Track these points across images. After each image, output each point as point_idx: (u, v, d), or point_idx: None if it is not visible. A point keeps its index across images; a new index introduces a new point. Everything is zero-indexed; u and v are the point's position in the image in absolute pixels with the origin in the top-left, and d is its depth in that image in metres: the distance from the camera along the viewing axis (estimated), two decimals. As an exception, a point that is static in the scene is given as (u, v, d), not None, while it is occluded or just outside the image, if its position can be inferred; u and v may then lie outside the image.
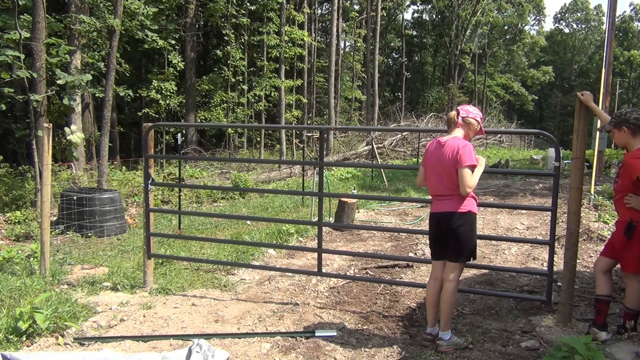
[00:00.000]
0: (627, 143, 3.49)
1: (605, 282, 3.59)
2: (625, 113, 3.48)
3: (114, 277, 5.29)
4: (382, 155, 20.98)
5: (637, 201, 3.38)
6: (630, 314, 3.56)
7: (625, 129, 3.44)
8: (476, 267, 5.50)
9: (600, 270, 3.64)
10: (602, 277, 3.61)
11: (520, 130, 22.60)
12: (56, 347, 3.66)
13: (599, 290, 3.61)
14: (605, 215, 7.83)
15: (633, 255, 3.43)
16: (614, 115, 3.55)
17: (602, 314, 3.58)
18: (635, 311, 3.55)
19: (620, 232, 3.46)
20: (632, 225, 3.36)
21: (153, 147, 5.61)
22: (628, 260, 3.47)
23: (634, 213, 3.39)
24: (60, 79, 10.29)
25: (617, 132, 3.48)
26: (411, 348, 3.67)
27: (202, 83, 22.00)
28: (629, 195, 3.42)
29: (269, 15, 22.82)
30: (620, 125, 3.45)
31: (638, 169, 3.33)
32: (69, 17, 12.45)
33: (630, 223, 3.36)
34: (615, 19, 13.24)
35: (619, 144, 3.55)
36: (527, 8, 53.63)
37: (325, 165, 5.21)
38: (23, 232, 7.90)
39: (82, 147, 12.54)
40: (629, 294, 3.57)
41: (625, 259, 3.48)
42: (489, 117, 43.26)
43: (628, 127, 3.43)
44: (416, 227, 8.24)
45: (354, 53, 36.53)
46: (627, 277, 3.58)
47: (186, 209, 10.47)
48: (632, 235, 3.38)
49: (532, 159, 21.42)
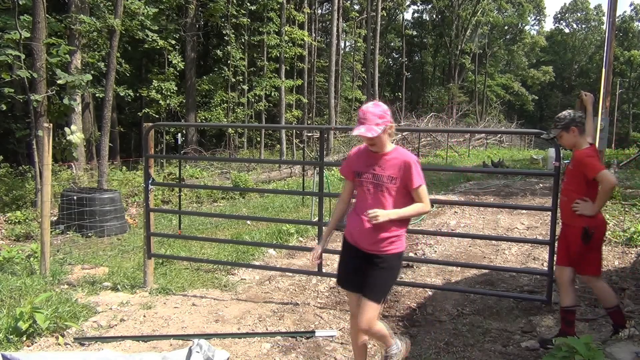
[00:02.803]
0: (575, 142, 3.54)
1: (573, 292, 3.56)
2: (568, 115, 3.55)
3: (114, 277, 5.29)
4: (382, 155, 20.92)
5: (585, 207, 3.40)
6: (614, 312, 3.58)
7: (574, 129, 3.50)
8: (476, 267, 5.52)
9: (567, 281, 3.57)
10: (569, 287, 3.57)
11: (520, 130, 22.69)
12: (56, 347, 3.66)
13: (567, 301, 3.54)
14: (606, 215, 7.83)
15: (593, 259, 3.49)
16: (557, 119, 3.59)
17: (573, 324, 3.56)
18: (615, 307, 3.57)
19: (577, 239, 3.46)
20: (590, 233, 3.40)
21: (153, 147, 5.62)
22: (589, 265, 3.51)
23: (586, 219, 3.41)
24: (60, 79, 10.30)
25: (566, 134, 3.53)
26: (411, 348, 3.67)
27: (202, 83, 21.98)
28: (577, 201, 3.44)
29: (269, 15, 22.81)
30: (569, 126, 3.51)
31: (594, 168, 3.34)
32: (69, 17, 12.45)
33: (587, 230, 3.40)
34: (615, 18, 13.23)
35: (568, 145, 3.59)
36: (527, 8, 53.65)
37: (326, 165, 5.22)
38: (23, 232, 7.90)
39: (82, 147, 12.53)
40: (600, 296, 3.60)
41: (584, 264, 3.51)
42: (489, 117, 43.31)
43: (576, 127, 3.50)
44: (416, 227, 8.24)
45: (354, 53, 36.53)
46: (590, 281, 3.61)
47: (186, 209, 10.47)
48: (589, 241, 3.41)
49: (532, 159, 21.41)
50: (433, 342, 3.78)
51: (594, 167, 3.35)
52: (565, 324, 3.54)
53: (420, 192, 2.86)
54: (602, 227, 3.51)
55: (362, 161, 2.96)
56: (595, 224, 3.41)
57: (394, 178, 2.83)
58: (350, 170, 3.01)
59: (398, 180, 2.83)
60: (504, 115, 49.03)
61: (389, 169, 2.85)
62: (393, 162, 2.86)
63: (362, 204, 2.92)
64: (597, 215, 3.43)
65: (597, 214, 3.42)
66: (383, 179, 2.84)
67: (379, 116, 2.79)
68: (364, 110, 2.81)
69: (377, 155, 2.90)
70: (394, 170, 2.83)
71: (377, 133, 2.74)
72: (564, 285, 3.58)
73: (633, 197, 9.45)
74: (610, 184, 3.30)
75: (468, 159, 23.20)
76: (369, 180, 2.88)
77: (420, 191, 2.86)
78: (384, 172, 2.85)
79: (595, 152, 3.49)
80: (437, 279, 5.37)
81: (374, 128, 2.75)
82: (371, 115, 2.78)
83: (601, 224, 3.48)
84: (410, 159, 2.86)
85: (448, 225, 8.18)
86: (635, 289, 4.81)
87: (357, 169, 2.95)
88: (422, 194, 2.86)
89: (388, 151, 2.90)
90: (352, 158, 3.05)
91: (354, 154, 3.07)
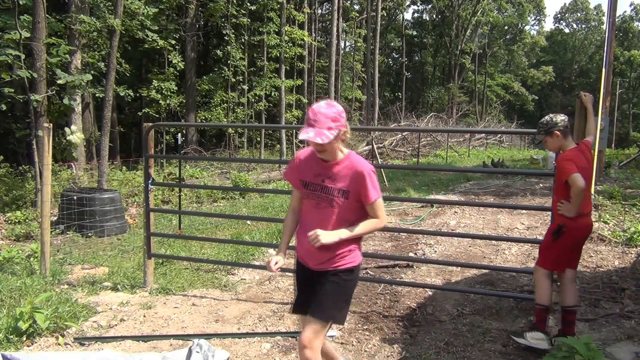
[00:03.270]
0: (560, 146, 3.56)
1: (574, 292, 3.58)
2: (551, 119, 3.57)
3: (114, 277, 5.30)
4: (382, 155, 20.98)
5: (565, 208, 3.45)
6: (540, 310, 3.61)
7: (558, 133, 3.51)
8: (476, 267, 5.52)
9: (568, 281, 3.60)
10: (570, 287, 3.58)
11: (520, 130, 22.63)
12: (56, 347, 3.66)
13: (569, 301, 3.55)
14: (606, 215, 7.84)
15: (552, 255, 3.56)
16: (540, 124, 3.61)
17: (573, 324, 3.57)
18: (544, 307, 3.60)
19: (549, 232, 3.57)
20: (562, 231, 3.46)
21: (153, 147, 5.61)
22: (546, 258, 3.59)
23: (565, 219, 3.46)
24: (60, 79, 10.29)
25: (550, 138, 3.56)
26: (411, 348, 3.67)
27: (202, 83, 21.99)
28: (561, 201, 3.49)
29: (269, 15, 22.81)
30: (551, 130, 3.53)
31: (565, 171, 3.38)
32: (69, 17, 12.45)
33: (560, 227, 3.46)
34: (615, 18, 13.24)
35: (553, 149, 3.61)
36: (527, 8, 53.69)
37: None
38: (23, 232, 7.90)
39: (82, 147, 12.53)
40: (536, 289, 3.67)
41: (543, 255, 3.61)
42: (489, 117, 43.32)
43: (559, 131, 3.51)
44: (416, 227, 8.24)
45: (354, 53, 36.53)
46: (537, 270, 3.67)
47: (186, 209, 10.47)
48: (558, 239, 3.48)
49: (532, 159, 21.41)
50: (433, 342, 3.78)
51: (566, 170, 3.38)
52: (566, 324, 3.54)
53: (376, 207, 2.51)
54: (577, 231, 3.49)
55: (310, 169, 2.56)
56: (571, 225, 3.45)
57: (346, 192, 2.46)
58: (296, 177, 2.62)
59: (350, 195, 2.47)
60: (504, 115, 49.06)
61: (340, 180, 2.47)
62: (345, 172, 2.48)
63: (309, 219, 2.57)
64: (577, 219, 3.45)
65: (578, 217, 3.44)
66: (333, 192, 2.47)
67: (332, 119, 2.37)
68: (314, 111, 2.39)
69: (328, 164, 2.51)
70: (346, 182, 2.47)
71: (328, 139, 2.33)
72: (565, 285, 3.59)
73: (633, 197, 9.45)
74: (577, 188, 3.31)
75: (468, 159, 23.20)
76: (317, 193, 2.51)
77: (376, 206, 2.50)
78: (334, 185, 2.48)
79: (576, 154, 3.46)
80: (437, 279, 5.37)
81: (325, 133, 2.34)
82: (323, 117, 2.36)
83: (576, 227, 3.47)
84: (364, 169, 2.47)
85: (448, 225, 8.18)
86: (635, 289, 4.81)
87: (303, 177, 2.57)
88: (377, 209, 2.52)
89: (340, 159, 2.51)
90: (299, 163, 2.63)
91: (300, 159, 2.64)
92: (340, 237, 2.46)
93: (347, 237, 2.49)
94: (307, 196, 2.56)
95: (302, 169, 2.60)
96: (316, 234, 2.41)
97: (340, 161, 2.51)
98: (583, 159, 3.48)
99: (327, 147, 2.42)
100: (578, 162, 3.40)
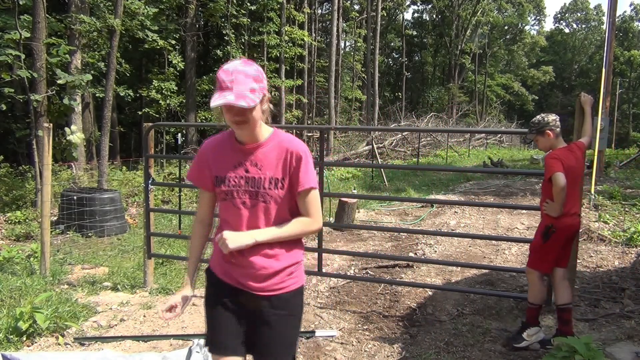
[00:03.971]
0: (552, 145, 3.56)
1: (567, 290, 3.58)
2: (542, 118, 3.58)
3: (114, 277, 5.30)
4: (382, 155, 20.98)
5: (550, 208, 3.46)
6: (533, 309, 3.62)
7: (549, 133, 3.53)
8: (476, 267, 5.51)
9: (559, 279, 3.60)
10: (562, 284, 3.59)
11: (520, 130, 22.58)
12: (56, 347, 3.66)
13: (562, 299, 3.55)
14: (606, 215, 7.84)
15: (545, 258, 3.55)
16: (532, 124, 3.62)
17: (570, 322, 3.57)
18: (537, 306, 3.62)
19: (539, 234, 3.57)
20: (551, 231, 3.46)
21: (153, 147, 5.61)
22: (540, 261, 3.58)
23: (551, 219, 3.47)
24: (60, 79, 10.29)
25: (541, 137, 3.57)
26: (411, 348, 3.67)
27: (202, 83, 21.99)
28: (547, 201, 3.50)
29: (269, 15, 22.82)
30: (543, 130, 3.54)
31: (550, 169, 3.38)
32: (69, 17, 12.45)
33: (549, 228, 3.46)
34: (615, 18, 13.24)
35: (544, 148, 3.61)
36: (527, 8, 53.72)
37: (326, 165, 5.22)
38: (23, 232, 7.90)
39: (82, 147, 12.53)
40: (530, 288, 3.66)
41: (536, 258, 3.60)
42: (489, 117, 43.33)
43: (551, 130, 3.52)
44: (416, 227, 8.24)
45: (354, 53, 36.55)
46: (528, 273, 3.67)
47: (186, 209, 10.47)
48: (548, 240, 3.48)
49: (532, 159, 21.42)
50: (433, 342, 3.78)
51: (550, 168, 3.38)
52: (562, 323, 3.55)
53: (310, 199, 1.94)
54: (564, 230, 3.48)
55: (226, 160, 1.96)
56: (558, 225, 3.45)
57: (278, 180, 1.90)
58: (206, 174, 2.01)
59: (286, 182, 1.91)
60: (504, 115, 49.08)
61: (269, 166, 1.91)
62: (273, 154, 1.92)
63: (234, 225, 1.94)
64: (563, 219, 3.45)
65: (564, 217, 3.44)
66: (263, 183, 1.90)
67: (254, 78, 1.80)
68: (229, 70, 1.79)
69: (248, 147, 1.92)
70: (277, 168, 1.91)
71: (253, 103, 1.76)
72: (557, 283, 3.61)
73: (633, 197, 9.45)
74: (557, 186, 3.31)
75: (468, 159, 23.21)
76: (240, 189, 1.91)
77: (311, 197, 1.93)
78: (262, 173, 1.90)
79: (564, 153, 3.47)
80: (437, 279, 5.37)
81: (248, 95, 1.76)
82: (242, 77, 1.78)
83: (562, 226, 3.46)
84: (300, 148, 1.93)
85: (448, 225, 8.18)
86: (635, 289, 4.81)
87: (218, 172, 1.96)
88: (311, 202, 1.94)
89: (264, 140, 1.93)
90: (206, 157, 2.02)
91: (207, 150, 2.02)
92: (256, 240, 1.87)
93: (268, 240, 1.90)
94: (227, 196, 1.94)
95: (214, 162, 1.98)
96: (222, 236, 1.86)
97: (266, 142, 1.93)
98: (572, 158, 3.48)
99: (249, 117, 1.81)
100: (565, 160, 3.41)
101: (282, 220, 1.94)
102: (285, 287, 1.97)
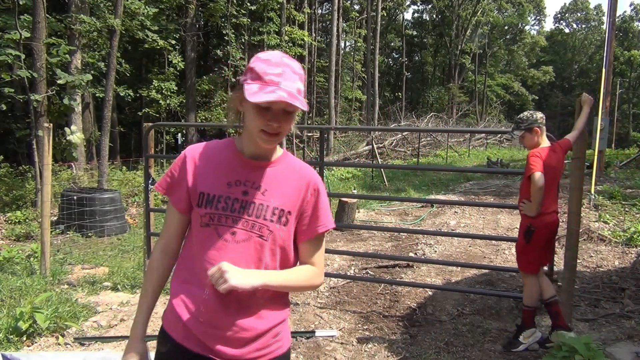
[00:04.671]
0: (538, 142, 3.56)
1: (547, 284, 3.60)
2: (530, 115, 3.57)
3: (114, 277, 5.30)
4: (382, 155, 20.98)
5: (527, 208, 3.46)
6: (528, 311, 3.63)
7: (537, 130, 3.53)
8: (476, 267, 5.52)
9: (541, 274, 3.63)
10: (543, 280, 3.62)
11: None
12: (56, 347, 3.66)
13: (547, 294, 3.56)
14: (606, 215, 7.84)
15: (532, 259, 3.54)
16: (520, 120, 3.60)
17: (560, 315, 3.57)
18: (532, 308, 3.62)
19: (521, 235, 3.57)
20: (531, 231, 3.46)
21: (153, 147, 5.62)
22: (528, 263, 3.57)
23: (530, 218, 3.47)
24: (60, 79, 10.29)
25: (529, 134, 3.56)
26: (411, 348, 3.67)
27: (202, 83, 22.01)
28: (523, 201, 3.50)
29: (269, 15, 22.83)
30: (532, 126, 3.53)
31: (530, 168, 3.37)
32: (69, 17, 12.45)
33: (529, 228, 3.46)
34: (615, 18, 13.24)
35: (530, 145, 3.60)
36: (527, 8, 53.71)
37: (326, 165, 5.22)
38: (23, 232, 7.90)
39: (82, 147, 12.53)
40: (525, 292, 3.66)
41: (524, 260, 3.59)
42: (489, 117, 43.32)
43: (538, 127, 3.53)
44: (416, 227, 8.24)
45: (354, 53, 36.54)
46: (523, 276, 3.67)
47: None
48: (530, 240, 3.48)
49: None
50: (433, 342, 3.78)
51: (530, 167, 3.38)
52: (554, 317, 3.57)
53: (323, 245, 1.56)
54: (543, 228, 3.48)
55: (217, 174, 1.48)
56: (537, 224, 3.45)
57: (284, 213, 1.46)
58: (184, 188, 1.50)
59: (292, 218, 1.47)
60: (504, 115, 49.01)
61: (275, 193, 1.46)
62: (282, 178, 1.49)
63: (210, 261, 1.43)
64: (541, 217, 3.45)
65: (541, 215, 3.44)
66: (264, 213, 1.44)
67: (300, 77, 1.40)
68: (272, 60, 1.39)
69: (256, 164, 1.48)
70: (286, 198, 1.47)
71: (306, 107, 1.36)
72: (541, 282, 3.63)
73: (633, 197, 9.45)
74: (535, 186, 3.32)
75: (468, 159, 23.21)
76: (231, 215, 1.43)
77: (323, 243, 1.56)
78: (265, 200, 1.45)
79: (546, 152, 3.47)
80: (437, 279, 5.38)
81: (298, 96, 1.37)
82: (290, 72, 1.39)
83: (541, 225, 3.46)
84: (317, 179, 1.52)
85: (448, 225, 8.18)
86: (635, 289, 4.81)
87: (204, 188, 1.47)
88: (323, 249, 1.55)
89: (275, 159, 1.51)
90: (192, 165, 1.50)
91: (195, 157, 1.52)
92: (266, 283, 1.40)
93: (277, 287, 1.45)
94: (210, 221, 1.44)
95: (202, 174, 1.48)
96: (220, 268, 1.34)
97: (275, 161, 1.51)
98: (553, 157, 3.49)
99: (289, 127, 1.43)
100: (546, 159, 3.41)
101: (275, 266, 1.47)
102: (269, 352, 1.49)
